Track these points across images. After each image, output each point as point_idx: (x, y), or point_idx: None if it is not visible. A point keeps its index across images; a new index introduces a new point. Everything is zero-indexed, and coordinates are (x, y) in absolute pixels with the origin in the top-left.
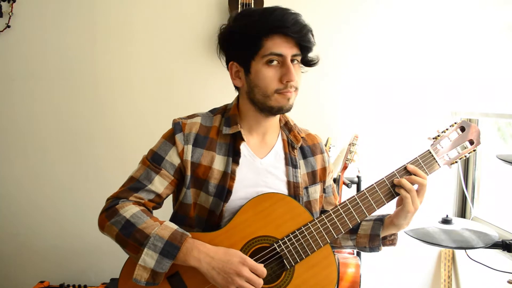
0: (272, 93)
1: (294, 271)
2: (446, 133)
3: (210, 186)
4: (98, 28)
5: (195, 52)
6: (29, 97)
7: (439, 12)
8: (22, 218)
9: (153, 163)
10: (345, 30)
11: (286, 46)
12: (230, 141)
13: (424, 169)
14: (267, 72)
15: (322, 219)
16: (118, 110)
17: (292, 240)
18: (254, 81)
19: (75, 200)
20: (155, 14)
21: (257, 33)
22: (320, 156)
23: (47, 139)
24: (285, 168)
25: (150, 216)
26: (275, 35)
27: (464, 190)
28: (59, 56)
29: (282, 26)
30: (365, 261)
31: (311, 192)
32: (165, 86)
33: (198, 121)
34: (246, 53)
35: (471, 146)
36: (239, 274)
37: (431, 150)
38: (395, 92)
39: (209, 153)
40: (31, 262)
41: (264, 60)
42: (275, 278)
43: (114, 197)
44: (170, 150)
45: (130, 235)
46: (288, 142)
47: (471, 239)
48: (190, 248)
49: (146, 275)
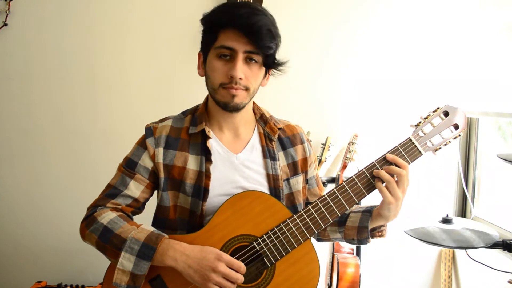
0: (218, 87)
1: (275, 269)
2: (428, 119)
3: (187, 186)
4: (96, 27)
5: (192, 51)
6: (26, 96)
7: (439, 11)
8: (19, 218)
9: (127, 169)
10: (345, 29)
11: (239, 41)
12: (201, 140)
13: (405, 157)
14: (216, 64)
15: (301, 215)
16: (116, 110)
17: (271, 237)
18: (208, 72)
19: (73, 199)
20: (152, 12)
21: (213, 24)
22: (301, 146)
23: (44, 138)
24: (263, 161)
25: (128, 221)
26: (228, 29)
27: (464, 189)
28: (57, 55)
29: (233, 20)
30: (364, 261)
31: (293, 183)
32: (163, 85)
33: (169, 123)
34: (205, 44)
35: (456, 130)
36: (215, 270)
37: (412, 138)
38: (394, 91)
39: (182, 154)
40: (28, 262)
41: (216, 52)
42: (257, 277)
43: (93, 206)
44: (142, 154)
45: (108, 241)
46: (264, 134)
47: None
48: (166, 248)
49: (126, 279)
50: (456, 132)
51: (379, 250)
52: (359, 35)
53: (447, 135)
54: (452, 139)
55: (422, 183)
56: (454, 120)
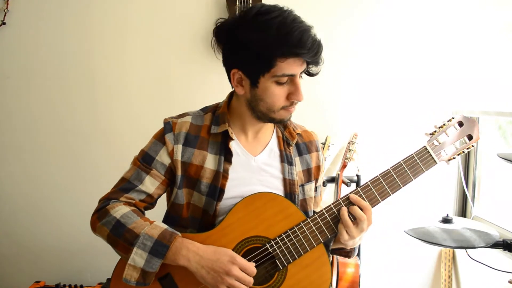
0: (278, 109)
1: (287, 271)
2: (443, 128)
3: (203, 185)
4: (95, 26)
5: (192, 50)
6: (24, 95)
7: (440, 10)
8: (17, 217)
9: (143, 164)
10: (345, 28)
11: (298, 65)
12: (221, 140)
13: (420, 165)
14: (277, 91)
15: (315, 219)
16: (115, 109)
17: (284, 240)
18: (261, 96)
19: (72, 199)
20: (152, 11)
21: (273, 54)
22: (316, 154)
23: (42, 137)
24: (280, 166)
25: (141, 216)
26: (290, 57)
27: (464, 189)
28: (55, 54)
29: (300, 52)
30: (364, 261)
31: (307, 189)
32: (162, 84)
33: (188, 120)
34: (256, 68)
35: (470, 141)
36: (229, 273)
37: (427, 146)
38: (395, 90)
39: (201, 152)
40: (27, 262)
41: (275, 79)
42: (268, 279)
43: (105, 198)
44: (160, 150)
45: (120, 235)
46: (283, 139)
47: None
48: (180, 247)
49: (136, 275)
50: (470, 143)
51: (379, 250)
52: (359, 34)
53: (460, 145)
54: (465, 149)
55: (422, 182)
56: (468, 131)
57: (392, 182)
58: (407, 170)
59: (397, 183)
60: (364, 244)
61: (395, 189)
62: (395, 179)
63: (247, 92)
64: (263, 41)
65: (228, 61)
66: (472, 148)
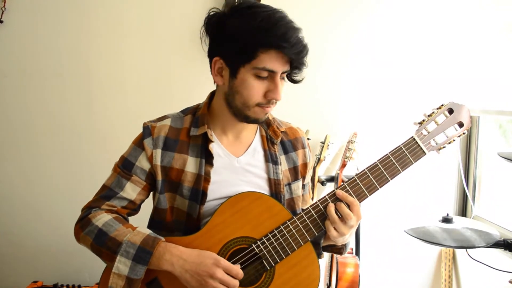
0: (253, 105)
1: (274, 271)
2: (432, 116)
3: (184, 189)
4: (92, 24)
5: (190, 49)
6: (21, 93)
7: (439, 9)
8: (14, 217)
9: (123, 170)
10: (344, 26)
11: (280, 62)
12: (201, 142)
13: (409, 157)
14: (255, 84)
15: (301, 217)
16: (112, 109)
17: (271, 239)
18: (238, 87)
19: (69, 199)
20: (149, 9)
21: (256, 43)
22: (302, 151)
23: (40, 137)
24: (264, 165)
25: (123, 223)
26: (272, 50)
27: (465, 188)
28: (52, 53)
29: (283, 45)
30: (364, 260)
31: (294, 188)
32: (160, 84)
33: (167, 123)
34: (237, 57)
35: (461, 129)
36: (213, 276)
37: (415, 137)
38: (394, 89)
39: (181, 156)
40: (24, 262)
41: (254, 72)
42: (256, 279)
43: (87, 207)
44: (139, 155)
45: (103, 244)
46: (267, 137)
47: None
48: (163, 252)
49: (122, 283)
50: (461, 130)
51: (379, 249)
52: (359, 33)
53: (451, 133)
54: (456, 137)
55: (422, 182)
56: (459, 118)
57: (380, 175)
58: (395, 163)
59: (385, 176)
60: (364, 243)
61: (383, 183)
62: (382, 172)
63: (226, 83)
64: (248, 30)
65: (211, 50)
66: (463, 135)
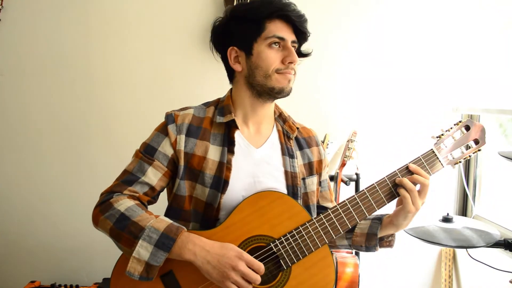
0: (273, 73)
1: (290, 271)
2: (450, 132)
3: (206, 177)
4: (92, 22)
5: (191, 47)
6: (19, 92)
7: (440, 8)
8: (12, 216)
9: (146, 155)
10: (344, 25)
11: (287, 31)
12: (224, 131)
13: (427, 168)
14: (270, 53)
15: (320, 219)
16: (111, 106)
17: (289, 240)
18: (256, 62)
19: (68, 198)
20: (150, 9)
21: (261, 16)
22: (316, 148)
23: (38, 135)
24: (281, 158)
25: (145, 210)
26: (277, 19)
27: (465, 187)
28: (51, 51)
29: (284, 10)
30: (364, 260)
31: (308, 183)
32: (160, 82)
33: (191, 112)
34: (248, 35)
35: (476, 145)
36: (235, 268)
37: (435, 150)
38: (394, 87)
39: (203, 143)
40: (22, 262)
41: (267, 42)
42: (272, 279)
43: (108, 192)
44: (163, 141)
45: (124, 228)
46: (283, 132)
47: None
48: (186, 241)
49: (140, 268)
50: (476, 147)
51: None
52: (358, 32)
53: (467, 149)
54: (472, 153)
55: None
56: (475, 135)
57: None
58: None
59: None
60: None
61: None
62: None
63: (244, 66)
64: (250, 9)
65: (222, 47)
66: (478, 152)
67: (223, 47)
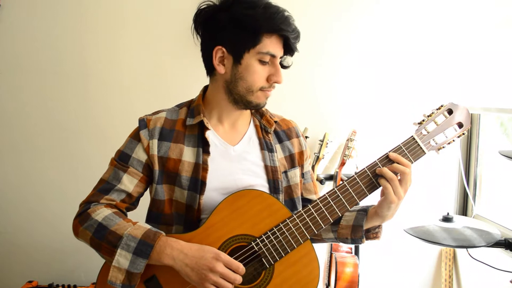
0: (257, 90)
1: (274, 269)
2: (432, 116)
3: (183, 179)
4: (88, 22)
5: (186, 45)
6: (16, 91)
7: (439, 5)
8: (9, 215)
9: (120, 162)
10: (343, 23)
11: (279, 47)
12: (198, 132)
13: (408, 156)
14: (258, 69)
15: (301, 215)
16: (108, 105)
17: (270, 237)
18: (242, 73)
19: (65, 197)
20: (146, 7)
21: (260, 28)
22: (297, 139)
23: (35, 134)
24: (260, 153)
25: (123, 218)
26: (274, 35)
27: (465, 187)
28: (48, 50)
29: (285, 30)
30: (363, 260)
31: (291, 176)
32: (157, 81)
33: (163, 115)
34: (241, 43)
35: (460, 129)
36: (213, 269)
37: (415, 136)
38: (393, 86)
39: (177, 145)
40: (19, 261)
41: (259, 57)
42: (255, 278)
43: (86, 202)
44: (135, 147)
45: (103, 237)
46: (261, 127)
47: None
48: (164, 246)
49: (121, 277)
50: (460, 131)
51: (378, 249)
52: (357, 30)
53: (450, 133)
54: (456, 137)
55: (422, 180)
56: (458, 118)
57: None
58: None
59: None
60: None
61: None
62: None
63: (228, 71)
64: (252, 16)
65: (210, 41)
66: (463, 136)
67: (209, 39)
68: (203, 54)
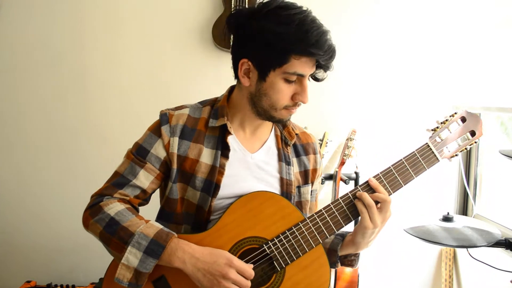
0: (281, 108)
1: (285, 273)
2: (446, 124)
3: (197, 180)
4: (87, 20)
5: (187, 45)
6: (14, 90)
7: (439, 5)
8: (7, 215)
9: (137, 157)
10: (343, 22)
11: (309, 66)
12: (219, 134)
13: (422, 163)
14: (284, 88)
15: (314, 219)
16: (107, 105)
17: (282, 241)
18: (267, 90)
19: (63, 197)
20: (146, 5)
21: (290, 49)
22: (313, 156)
23: (33, 134)
24: (277, 164)
25: (136, 215)
26: (305, 56)
27: (465, 186)
28: (47, 49)
29: (317, 53)
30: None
31: (303, 192)
32: (156, 80)
33: (186, 112)
34: (268, 61)
35: (473, 137)
36: (225, 276)
37: (430, 143)
38: (394, 85)
39: (196, 145)
40: (17, 261)
41: (285, 76)
42: (266, 281)
43: (99, 194)
44: (155, 142)
45: (114, 233)
46: (281, 138)
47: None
48: (175, 248)
49: (129, 275)
50: (473, 139)
51: (378, 249)
52: (357, 30)
53: (463, 141)
54: (468, 146)
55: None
56: (471, 127)
57: (394, 180)
58: (409, 168)
59: (399, 182)
60: None
61: (396, 188)
62: (396, 177)
63: (253, 85)
64: (282, 34)
65: (238, 50)
66: (474, 144)
67: (237, 47)
68: (232, 59)
